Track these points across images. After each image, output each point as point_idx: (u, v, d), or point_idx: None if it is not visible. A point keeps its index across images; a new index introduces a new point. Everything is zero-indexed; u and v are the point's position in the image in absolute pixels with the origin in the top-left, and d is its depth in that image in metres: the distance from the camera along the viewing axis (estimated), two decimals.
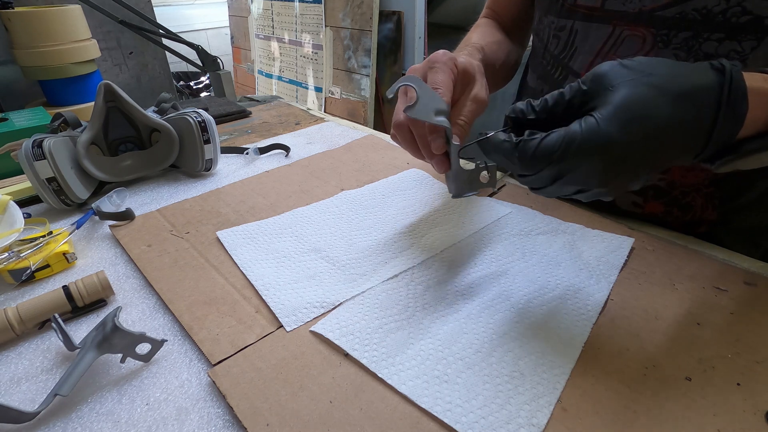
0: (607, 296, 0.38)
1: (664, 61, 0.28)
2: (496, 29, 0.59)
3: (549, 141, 0.28)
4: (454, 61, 0.40)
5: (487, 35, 0.55)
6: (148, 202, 0.57)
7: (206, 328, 0.36)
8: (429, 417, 0.29)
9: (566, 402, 0.30)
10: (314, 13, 1.91)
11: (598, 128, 0.26)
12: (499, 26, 0.60)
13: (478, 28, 0.58)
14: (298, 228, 0.49)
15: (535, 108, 0.31)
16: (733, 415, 0.28)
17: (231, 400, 0.30)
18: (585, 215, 0.50)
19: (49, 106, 1.58)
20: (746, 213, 0.48)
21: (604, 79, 0.28)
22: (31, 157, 0.49)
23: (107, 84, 0.56)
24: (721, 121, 0.27)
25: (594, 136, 0.26)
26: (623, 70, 0.28)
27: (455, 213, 0.51)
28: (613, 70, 0.28)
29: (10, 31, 1.47)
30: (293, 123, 0.84)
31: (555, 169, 0.28)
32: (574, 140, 0.27)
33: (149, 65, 2.05)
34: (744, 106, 0.27)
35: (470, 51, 0.47)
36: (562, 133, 0.27)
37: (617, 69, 0.28)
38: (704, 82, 0.27)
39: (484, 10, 0.64)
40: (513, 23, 0.61)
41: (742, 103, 0.27)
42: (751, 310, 0.36)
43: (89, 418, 0.30)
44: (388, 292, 0.39)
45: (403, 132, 0.41)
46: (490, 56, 0.50)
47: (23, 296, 0.41)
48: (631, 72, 0.28)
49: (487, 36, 0.55)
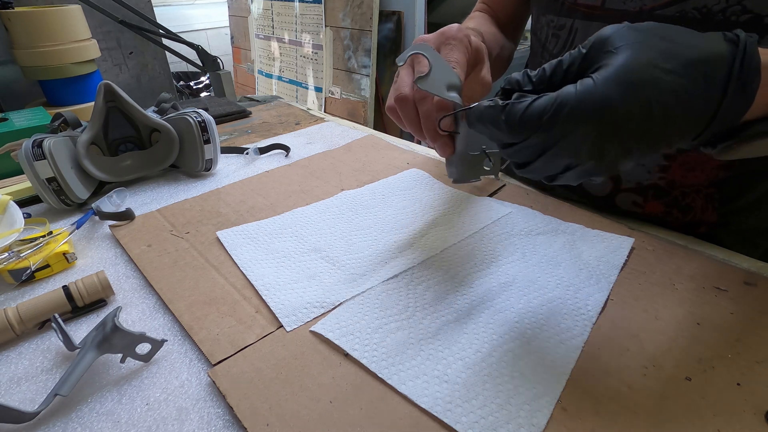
0: (607, 296, 0.38)
1: (673, 27, 0.26)
2: (491, 23, 0.58)
3: (539, 103, 0.25)
4: (468, 39, 0.38)
5: (482, 25, 0.54)
6: (148, 202, 0.57)
7: (206, 328, 0.36)
8: (429, 417, 0.29)
9: (566, 402, 0.30)
10: (314, 13, 1.91)
11: (594, 90, 0.24)
12: (493, 21, 0.60)
13: (473, 20, 0.58)
14: (298, 228, 0.49)
15: (532, 78, 0.28)
16: (733, 415, 0.28)
17: (231, 400, 0.30)
18: (585, 215, 0.50)
19: (49, 106, 1.58)
20: (746, 214, 0.48)
21: (607, 42, 0.25)
22: (31, 157, 0.49)
23: (107, 84, 0.56)
24: (730, 95, 0.24)
25: (589, 98, 0.24)
26: (629, 32, 0.25)
27: (455, 213, 0.51)
28: (618, 33, 0.25)
29: (10, 31, 1.47)
30: (293, 123, 0.84)
31: (544, 135, 0.25)
32: (567, 103, 0.24)
33: (149, 65, 2.05)
34: (756, 81, 0.24)
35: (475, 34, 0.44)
36: (554, 96, 0.25)
37: (622, 31, 0.25)
38: (716, 52, 0.24)
39: (478, 4, 0.63)
40: (507, 19, 0.60)
41: (754, 79, 0.24)
42: (751, 310, 0.36)
43: (89, 418, 0.30)
44: (388, 292, 0.39)
45: (407, 107, 0.37)
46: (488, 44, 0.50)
47: (23, 296, 0.41)
48: (638, 35, 0.25)
49: (483, 26, 0.54)
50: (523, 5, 0.59)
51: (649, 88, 0.23)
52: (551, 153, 0.26)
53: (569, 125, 0.24)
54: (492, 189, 0.56)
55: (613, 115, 0.24)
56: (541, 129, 0.25)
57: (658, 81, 0.23)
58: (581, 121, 0.24)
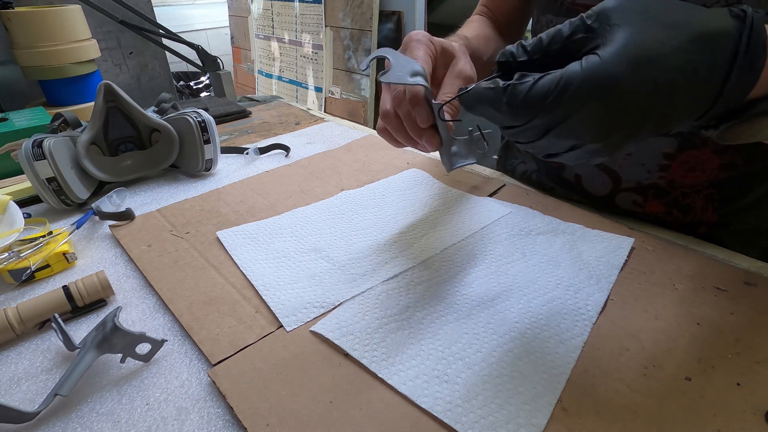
0: (607, 296, 0.38)
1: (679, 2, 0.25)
2: (488, 26, 0.58)
3: (543, 83, 0.24)
4: (429, 38, 0.39)
5: (475, 29, 0.54)
6: (148, 202, 0.57)
7: (206, 328, 0.36)
8: (429, 417, 0.29)
9: (566, 402, 0.30)
10: (314, 13, 1.91)
11: (601, 67, 0.23)
12: (492, 24, 0.60)
13: (469, 24, 0.58)
14: (298, 228, 0.49)
15: (527, 48, 0.27)
16: (733, 415, 0.28)
17: (231, 400, 0.30)
18: (585, 215, 0.50)
19: (49, 106, 1.59)
20: (746, 215, 0.48)
21: (612, 14, 0.24)
22: (31, 157, 0.49)
23: (107, 84, 0.56)
24: (736, 72, 0.23)
25: (596, 76, 0.23)
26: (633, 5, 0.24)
27: (455, 213, 0.51)
28: (622, 5, 0.25)
29: (10, 31, 1.47)
30: (293, 123, 0.84)
31: (548, 116, 0.25)
32: (573, 81, 0.23)
33: (149, 65, 2.05)
34: (762, 59, 0.24)
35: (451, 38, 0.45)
36: (558, 75, 0.24)
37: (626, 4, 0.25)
38: (723, 27, 0.24)
39: (478, 7, 0.63)
40: (507, 21, 0.61)
41: (760, 56, 0.24)
42: (751, 310, 0.36)
43: (89, 418, 0.30)
44: (388, 292, 0.39)
45: (391, 120, 0.38)
46: (477, 48, 0.49)
47: (23, 296, 0.41)
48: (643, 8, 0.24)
49: (475, 30, 0.54)
50: (523, 6, 0.59)
51: (655, 66, 0.23)
52: (555, 132, 0.26)
53: (576, 104, 0.24)
54: (492, 189, 0.56)
55: (620, 93, 0.23)
56: (545, 110, 0.24)
57: (665, 58, 0.23)
58: (588, 99, 0.23)
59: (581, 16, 0.26)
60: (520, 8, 0.60)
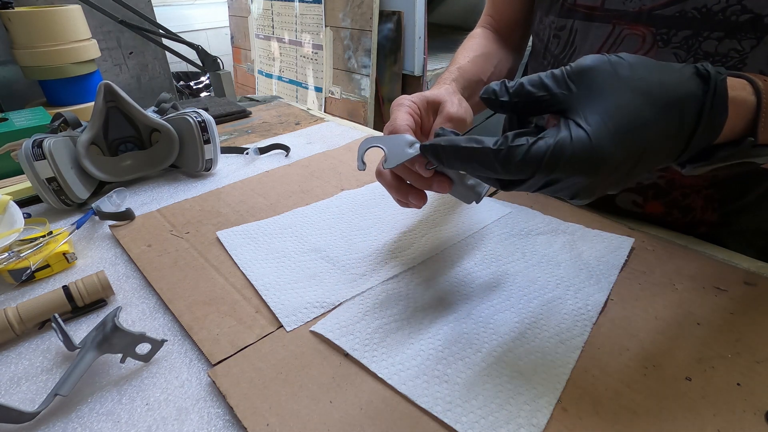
0: (607, 296, 0.38)
1: (650, 64, 0.28)
2: (489, 39, 0.58)
3: (537, 149, 0.26)
4: (408, 98, 0.40)
5: (474, 49, 0.55)
6: (148, 202, 0.57)
7: (206, 328, 0.36)
8: (429, 417, 0.29)
9: (566, 402, 0.30)
10: (314, 13, 1.91)
11: (590, 143, 0.25)
12: (495, 35, 0.60)
13: (469, 41, 0.58)
14: (298, 228, 0.49)
15: (509, 90, 0.29)
16: (733, 415, 0.28)
17: (231, 400, 0.30)
18: (585, 215, 0.50)
19: (49, 106, 1.58)
20: (746, 215, 0.48)
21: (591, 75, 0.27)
22: (31, 157, 0.49)
23: (107, 84, 0.56)
24: (701, 130, 0.27)
25: (585, 150, 0.25)
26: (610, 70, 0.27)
27: (455, 213, 0.51)
28: (600, 68, 0.27)
29: (10, 31, 1.46)
30: (293, 123, 0.84)
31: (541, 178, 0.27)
32: (564, 152, 0.25)
33: (149, 65, 2.05)
34: (723, 116, 0.27)
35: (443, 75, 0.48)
36: (551, 143, 0.26)
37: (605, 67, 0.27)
38: (690, 91, 0.26)
39: (483, 17, 0.63)
40: (511, 29, 0.61)
41: (722, 114, 0.27)
42: (751, 310, 0.36)
43: (89, 418, 0.30)
44: (388, 292, 0.39)
45: (385, 179, 0.39)
46: (475, 73, 0.50)
47: (23, 296, 0.41)
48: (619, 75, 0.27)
49: (474, 50, 0.54)
50: (527, 13, 0.59)
51: (636, 137, 0.26)
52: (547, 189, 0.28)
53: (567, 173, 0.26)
54: (492, 189, 0.56)
55: (607, 163, 0.26)
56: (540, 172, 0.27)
57: (644, 128, 0.26)
58: (578, 170, 0.26)
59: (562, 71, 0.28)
60: (524, 16, 0.60)
